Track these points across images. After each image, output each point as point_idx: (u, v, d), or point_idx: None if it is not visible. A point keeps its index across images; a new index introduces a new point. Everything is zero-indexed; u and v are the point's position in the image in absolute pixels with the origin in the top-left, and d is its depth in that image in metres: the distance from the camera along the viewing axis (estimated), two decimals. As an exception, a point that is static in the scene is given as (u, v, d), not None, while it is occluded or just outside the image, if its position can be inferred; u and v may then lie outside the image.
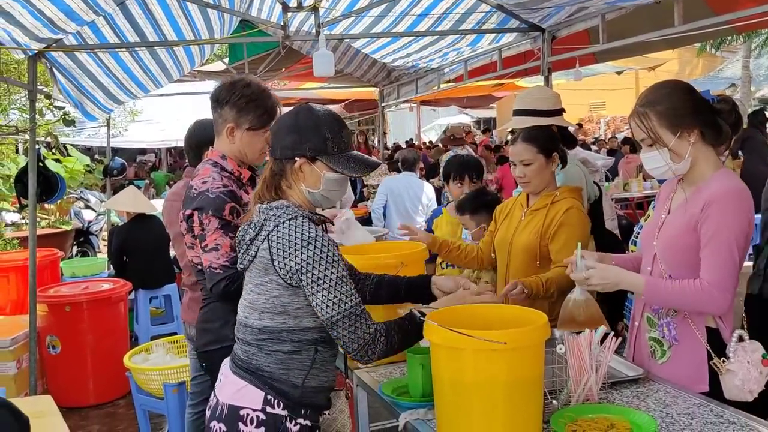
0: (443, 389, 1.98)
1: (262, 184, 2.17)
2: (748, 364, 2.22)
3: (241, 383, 2.09)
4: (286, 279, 2.02)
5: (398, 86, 9.16)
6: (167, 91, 9.24)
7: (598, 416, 2.05)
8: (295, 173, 2.13)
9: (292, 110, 2.19)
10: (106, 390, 5.45)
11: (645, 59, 13.77)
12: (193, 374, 3.60)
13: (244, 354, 2.12)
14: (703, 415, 2.07)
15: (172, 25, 5.53)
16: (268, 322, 2.07)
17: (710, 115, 2.33)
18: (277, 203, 2.10)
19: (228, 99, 2.66)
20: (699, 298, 2.24)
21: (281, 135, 2.14)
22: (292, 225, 2.03)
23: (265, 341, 2.08)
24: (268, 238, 2.04)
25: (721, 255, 2.23)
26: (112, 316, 5.53)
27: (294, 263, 2.00)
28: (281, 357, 2.08)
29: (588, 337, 2.16)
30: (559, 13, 5.08)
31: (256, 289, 2.09)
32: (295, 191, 2.15)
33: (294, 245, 2.00)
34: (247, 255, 2.12)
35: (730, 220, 2.22)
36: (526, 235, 3.08)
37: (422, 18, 5.90)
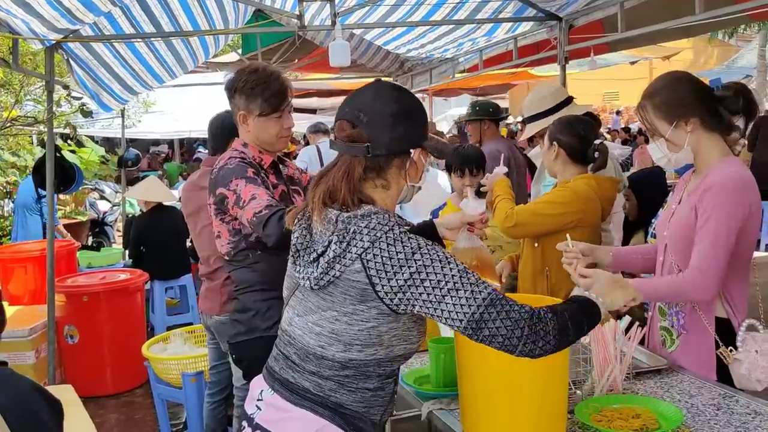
0: (467, 379, 1.97)
1: (343, 184, 1.74)
2: (756, 354, 2.22)
3: (320, 421, 1.74)
4: (392, 304, 1.68)
5: (412, 76, 9.12)
6: (180, 82, 9.24)
7: (623, 406, 2.04)
8: (404, 168, 1.80)
9: (381, 93, 1.80)
10: (124, 379, 5.49)
11: (659, 49, 13.66)
12: (211, 363, 3.62)
13: (317, 388, 1.76)
14: (729, 405, 2.06)
15: (187, 15, 5.52)
16: (356, 355, 1.73)
17: (710, 103, 2.34)
18: (363, 211, 1.72)
19: (236, 87, 2.67)
20: (686, 288, 2.24)
21: (388, 124, 1.75)
22: (391, 238, 1.68)
23: (349, 378, 1.76)
24: (361, 257, 1.67)
25: (708, 242, 2.22)
26: (129, 306, 5.56)
27: (402, 280, 1.65)
28: (366, 395, 1.78)
29: (613, 326, 2.15)
30: (577, 1, 5.04)
31: (345, 318, 1.71)
32: (392, 191, 1.81)
33: (399, 261, 1.65)
34: (326, 274, 1.71)
35: (721, 208, 2.22)
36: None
37: (438, 8, 5.87)
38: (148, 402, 5.03)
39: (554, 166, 3.14)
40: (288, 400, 1.78)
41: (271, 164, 2.72)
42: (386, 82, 1.90)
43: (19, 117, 6.91)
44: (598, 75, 18.80)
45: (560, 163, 3.12)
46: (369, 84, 1.84)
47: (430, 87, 9.69)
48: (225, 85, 2.74)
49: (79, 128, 10.77)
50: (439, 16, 6.04)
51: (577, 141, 3.07)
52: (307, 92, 15.43)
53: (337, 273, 1.70)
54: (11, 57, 4.71)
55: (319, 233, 1.76)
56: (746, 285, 2.39)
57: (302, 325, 1.79)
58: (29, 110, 9.17)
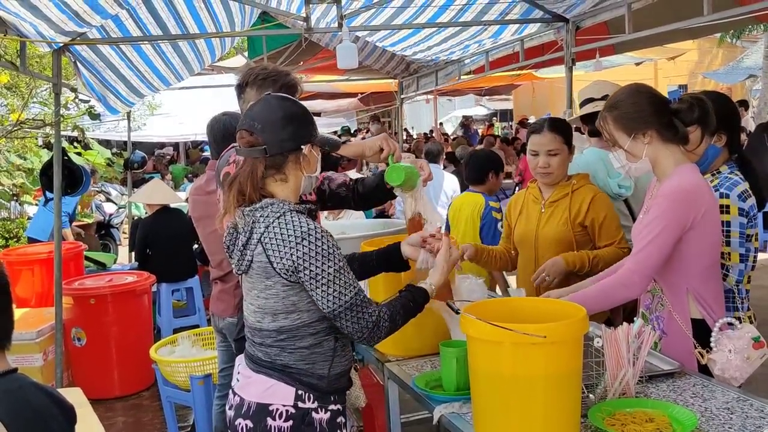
0: (480, 383, 1.97)
1: (248, 183, 2.06)
2: (729, 353, 2.31)
3: (270, 381, 2.09)
4: (288, 278, 2.01)
5: (417, 78, 9.11)
6: (186, 85, 9.25)
7: (636, 410, 2.03)
8: (298, 163, 2.10)
9: (270, 103, 2.12)
10: (131, 382, 5.49)
11: (664, 50, 13.63)
12: (221, 366, 3.62)
13: (266, 355, 2.12)
14: (743, 409, 2.05)
15: (194, 17, 5.53)
16: (283, 322, 2.07)
17: (667, 115, 2.45)
18: (261, 203, 2.07)
19: (248, 81, 2.69)
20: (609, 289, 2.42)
21: (277, 128, 2.06)
22: (282, 222, 2.01)
23: (285, 341, 2.08)
24: (261, 241, 2.02)
25: (643, 243, 2.37)
26: (136, 308, 5.57)
27: (291, 261, 1.99)
28: (304, 353, 2.09)
29: (626, 330, 2.15)
30: (583, 3, 5.04)
31: (262, 294, 2.07)
32: (289, 183, 2.11)
33: (288, 243, 1.99)
34: (243, 261, 2.10)
35: (662, 216, 2.35)
36: (554, 226, 3.12)
37: (444, 10, 5.86)
38: (156, 405, 5.03)
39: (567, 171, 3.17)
40: (251, 369, 2.15)
41: None
42: (275, 94, 2.21)
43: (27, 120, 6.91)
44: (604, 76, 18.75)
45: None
46: (260, 98, 2.17)
47: (435, 89, 9.68)
48: (236, 82, 2.75)
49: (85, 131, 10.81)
50: (446, 18, 6.04)
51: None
52: (312, 94, 15.45)
53: (249, 257, 2.07)
54: (19, 60, 4.72)
55: (240, 227, 2.10)
56: (719, 284, 2.51)
57: (246, 308, 2.18)
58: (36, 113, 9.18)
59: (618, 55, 9.97)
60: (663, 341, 2.50)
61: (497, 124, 25.46)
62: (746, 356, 2.33)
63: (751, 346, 2.34)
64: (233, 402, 2.18)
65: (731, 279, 2.62)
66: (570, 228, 3.08)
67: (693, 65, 22.68)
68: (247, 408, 2.11)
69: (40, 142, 11.24)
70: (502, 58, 7.15)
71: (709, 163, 2.79)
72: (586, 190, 3.11)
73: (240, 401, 2.14)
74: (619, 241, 3.07)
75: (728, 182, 2.71)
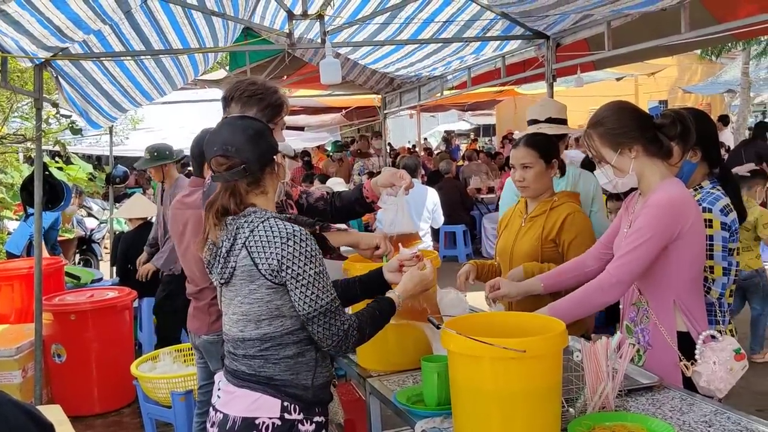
0: (461, 397, 1.98)
1: (231, 202, 2.13)
2: (714, 365, 2.35)
3: (255, 395, 2.10)
4: (273, 279, 2.04)
5: (401, 93, 9.17)
6: (169, 99, 9.24)
7: (616, 424, 2.04)
8: (274, 173, 2.19)
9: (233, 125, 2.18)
10: (112, 398, 5.43)
11: (645, 66, 13.80)
12: (200, 383, 3.59)
13: (249, 368, 2.13)
14: (720, 422, 2.07)
15: (177, 32, 5.54)
16: (267, 329, 2.09)
17: (651, 130, 2.49)
18: (245, 212, 2.13)
19: (233, 95, 2.68)
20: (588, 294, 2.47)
21: (251, 147, 2.13)
22: (267, 225, 2.07)
23: (269, 350, 2.10)
24: (245, 244, 2.07)
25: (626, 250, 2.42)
26: (117, 324, 5.51)
27: (275, 260, 2.03)
28: (289, 363, 2.11)
29: (604, 344, 2.16)
30: (564, 21, 5.10)
31: (246, 300, 2.10)
32: (269, 194, 2.20)
33: (274, 243, 2.04)
34: (226, 268, 2.12)
35: (647, 226, 2.40)
36: (527, 241, 3.16)
37: (426, 25, 5.91)
38: (137, 421, 4.99)
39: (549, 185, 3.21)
40: (233, 384, 2.15)
41: None
42: (231, 117, 2.28)
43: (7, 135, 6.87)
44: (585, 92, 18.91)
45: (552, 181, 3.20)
46: (220, 124, 2.23)
47: (418, 104, 9.73)
48: (222, 98, 2.75)
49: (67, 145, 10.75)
50: (427, 34, 6.09)
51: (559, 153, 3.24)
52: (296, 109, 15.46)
53: (233, 263, 2.10)
54: (0, 75, 4.70)
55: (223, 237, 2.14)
56: (702, 297, 2.55)
57: (227, 321, 2.19)
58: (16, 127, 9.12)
59: (599, 71, 10.08)
60: (648, 354, 2.52)
61: (480, 139, 25.62)
62: (729, 368, 2.37)
63: (734, 358, 2.39)
64: (215, 419, 2.17)
65: (714, 292, 2.65)
66: (539, 244, 3.10)
67: (673, 81, 22.95)
68: (232, 423, 2.10)
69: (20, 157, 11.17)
70: (484, 74, 7.21)
71: (686, 179, 2.83)
72: (565, 208, 3.12)
73: (224, 418, 2.13)
74: None
75: (710, 197, 2.75)
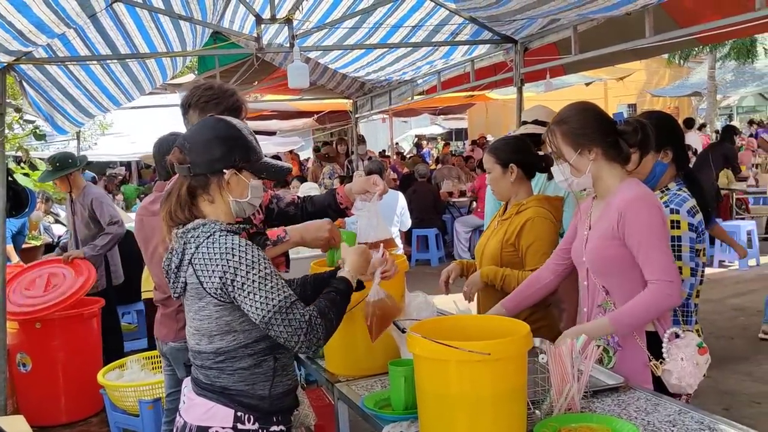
0: (427, 401, 1.97)
1: (174, 203, 2.10)
2: (682, 361, 2.38)
3: (209, 404, 2.09)
4: (219, 297, 2.01)
5: (371, 98, 9.18)
6: (137, 104, 9.14)
7: (581, 425, 2.05)
8: (222, 186, 2.10)
9: (206, 124, 2.16)
10: (79, 408, 5.35)
11: (613, 70, 13.96)
12: (168, 391, 3.55)
13: (206, 378, 2.12)
14: (684, 422, 2.09)
15: (143, 37, 5.48)
16: (220, 343, 2.07)
17: (612, 135, 2.52)
18: (192, 224, 2.07)
19: (191, 102, 2.65)
20: (658, 300, 2.41)
21: (202, 149, 2.08)
22: (210, 242, 2.01)
23: (224, 362, 2.08)
24: (191, 262, 2.03)
25: (659, 252, 2.40)
26: (84, 332, 5.43)
27: (218, 278, 1.98)
28: (244, 374, 2.09)
29: (569, 346, 2.17)
30: (531, 25, 5.14)
31: (196, 315, 2.08)
32: (218, 205, 2.12)
33: (215, 261, 1.98)
34: (177, 283, 2.10)
35: (648, 221, 2.41)
36: (493, 243, 3.23)
37: (395, 30, 5.93)
38: (105, 430, 4.92)
39: (510, 189, 3.21)
40: (194, 392, 2.15)
41: None
42: (214, 116, 2.23)
43: (-31, 140, 6.72)
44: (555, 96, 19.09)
45: (516, 185, 3.19)
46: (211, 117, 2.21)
47: (389, 108, 9.75)
48: (180, 102, 2.72)
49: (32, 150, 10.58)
50: (397, 38, 6.10)
51: (532, 156, 3.22)
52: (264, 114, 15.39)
53: (183, 280, 2.07)
54: (-39, 79, 4.61)
55: (174, 250, 2.10)
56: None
57: (187, 331, 2.18)
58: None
59: (568, 75, 10.18)
60: (618, 355, 2.52)
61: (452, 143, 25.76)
62: (696, 362, 2.40)
63: (698, 352, 2.43)
64: (178, 424, 2.17)
65: (682, 293, 2.66)
66: (500, 246, 3.15)
67: (641, 85, 23.27)
68: (189, 431, 2.11)
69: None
70: (454, 79, 7.25)
71: (657, 180, 2.87)
72: (529, 213, 3.12)
73: (183, 424, 2.14)
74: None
75: (677, 198, 2.79)
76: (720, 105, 23.21)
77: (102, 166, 17.39)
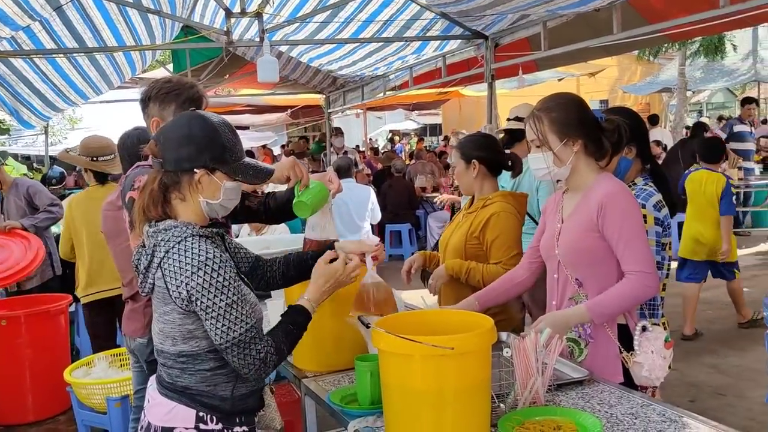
0: (392, 396, 1.97)
1: (147, 198, 2.04)
2: (653, 354, 2.40)
3: (171, 404, 2.07)
4: (184, 307, 1.97)
5: (344, 93, 9.16)
6: (108, 98, 9.04)
7: (545, 419, 2.07)
8: (193, 185, 2.03)
9: (182, 119, 2.09)
10: (46, 406, 5.26)
11: (586, 66, 14.08)
12: (136, 387, 3.51)
13: (168, 377, 2.09)
14: (646, 414, 2.11)
15: (111, 30, 5.42)
16: (183, 347, 2.04)
17: (595, 131, 2.54)
18: (164, 224, 2.01)
19: (150, 95, 2.61)
20: (636, 291, 2.42)
21: (174, 146, 2.01)
22: (182, 248, 1.95)
23: (186, 363, 2.05)
24: (160, 265, 1.98)
25: (638, 243, 2.42)
26: (52, 330, 5.34)
27: (185, 290, 1.94)
28: (206, 375, 2.06)
29: (534, 339, 2.19)
30: (501, 21, 5.16)
31: (161, 318, 2.04)
32: (189, 204, 2.05)
33: (184, 271, 1.93)
34: (146, 283, 2.04)
35: (629, 214, 2.42)
36: (457, 236, 3.28)
37: (367, 25, 5.92)
38: (72, 429, 4.84)
39: (473, 184, 3.25)
40: (157, 391, 2.12)
41: None
42: (193, 111, 2.13)
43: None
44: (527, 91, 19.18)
45: (480, 180, 3.23)
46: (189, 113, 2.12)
47: (362, 103, 9.73)
48: (140, 97, 2.68)
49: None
50: (368, 33, 6.09)
51: (497, 154, 3.26)
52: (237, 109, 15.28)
53: (151, 281, 2.02)
54: None
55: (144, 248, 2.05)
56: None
57: (153, 329, 2.13)
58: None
59: (541, 71, 10.25)
60: (590, 347, 2.53)
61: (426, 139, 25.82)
62: (663, 356, 2.43)
63: (664, 346, 2.46)
64: (143, 424, 2.14)
65: None
66: (464, 240, 3.20)
67: (613, 81, 23.48)
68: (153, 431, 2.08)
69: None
70: (426, 74, 7.26)
71: (622, 175, 2.90)
72: (494, 207, 3.17)
73: (147, 424, 2.11)
74: (506, 262, 3.09)
75: (644, 193, 2.83)
76: (690, 101, 23.50)
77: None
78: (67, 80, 5.88)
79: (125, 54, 6.10)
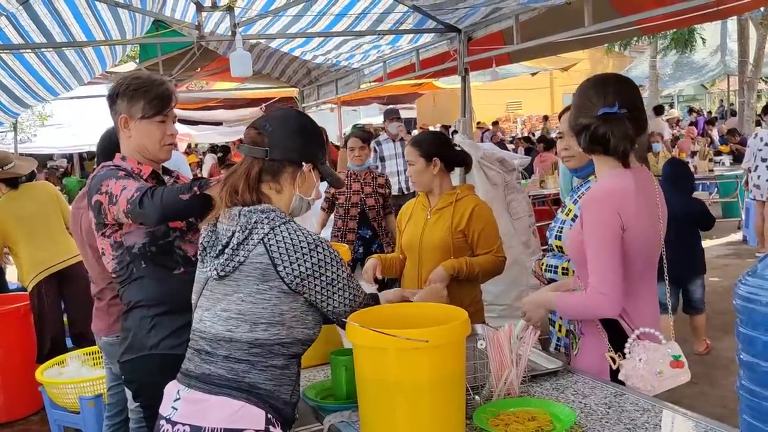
0: (367, 390, 1.96)
1: (242, 182, 1.99)
2: (639, 362, 2.22)
3: (237, 404, 1.90)
4: (292, 285, 1.92)
5: (318, 87, 9.12)
6: (78, 94, 8.91)
7: (520, 410, 2.08)
8: (294, 178, 2.04)
9: (290, 111, 2.13)
10: (18, 406, 5.20)
11: (558, 60, 14.19)
12: (108, 385, 3.48)
13: (231, 372, 1.93)
14: (619, 404, 2.13)
15: (80, 24, 5.34)
16: (261, 334, 1.93)
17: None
18: (262, 207, 1.97)
19: (118, 92, 2.56)
20: (588, 308, 2.28)
21: (284, 136, 2.03)
22: (290, 228, 1.95)
23: (258, 356, 1.94)
24: (263, 241, 1.91)
25: (595, 260, 2.23)
26: (22, 329, 5.28)
27: (304, 268, 1.92)
28: (275, 373, 1.96)
29: (507, 331, 2.20)
30: (474, 14, 5.17)
31: (249, 298, 1.92)
32: (283, 196, 2.05)
33: (301, 249, 1.92)
34: (231, 261, 1.94)
35: (591, 223, 2.25)
36: (437, 233, 3.27)
37: (340, 18, 5.89)
38: (45, 429, 4.78)
39: (433, 181, 3.29)
40: (205, 392, 1.93)
41: (151, 174, 2.59)
42: (296, 109, 2.20)
43: None
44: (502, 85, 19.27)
45: (439, 177, 3.30)
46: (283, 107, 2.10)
47: (336, 97, 9.70)
48: (107, 93, 2.62)
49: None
50: (342, 26, 6.07)
51: (452, 151, 3.36)
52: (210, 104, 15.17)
53: (242, 258, 1.93)
54: None
55: (224, 230, 1.98)
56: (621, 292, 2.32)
57: (211, 317, 1.98)
58: None
59: (514, 64, 10.29)
60: (581, 341, 2.49)
61: (401, 133, 25.80)
62: (659, 371, 2.22)
63: (669, 363, 2.24)
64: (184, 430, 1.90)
65: None
66: (450, 235, 3.22)
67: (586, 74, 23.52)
68: None
69: None
70: (400, 69, 7.26)
71: (591, 169, 2.90)
72: (469, 201, 3.28)
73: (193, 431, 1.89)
74: (496, 250, 3.26)
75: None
76: (662, 94, 23.75)
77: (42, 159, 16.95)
78: (35, 76, 5.78)
79: (95, 49, 6.01)
